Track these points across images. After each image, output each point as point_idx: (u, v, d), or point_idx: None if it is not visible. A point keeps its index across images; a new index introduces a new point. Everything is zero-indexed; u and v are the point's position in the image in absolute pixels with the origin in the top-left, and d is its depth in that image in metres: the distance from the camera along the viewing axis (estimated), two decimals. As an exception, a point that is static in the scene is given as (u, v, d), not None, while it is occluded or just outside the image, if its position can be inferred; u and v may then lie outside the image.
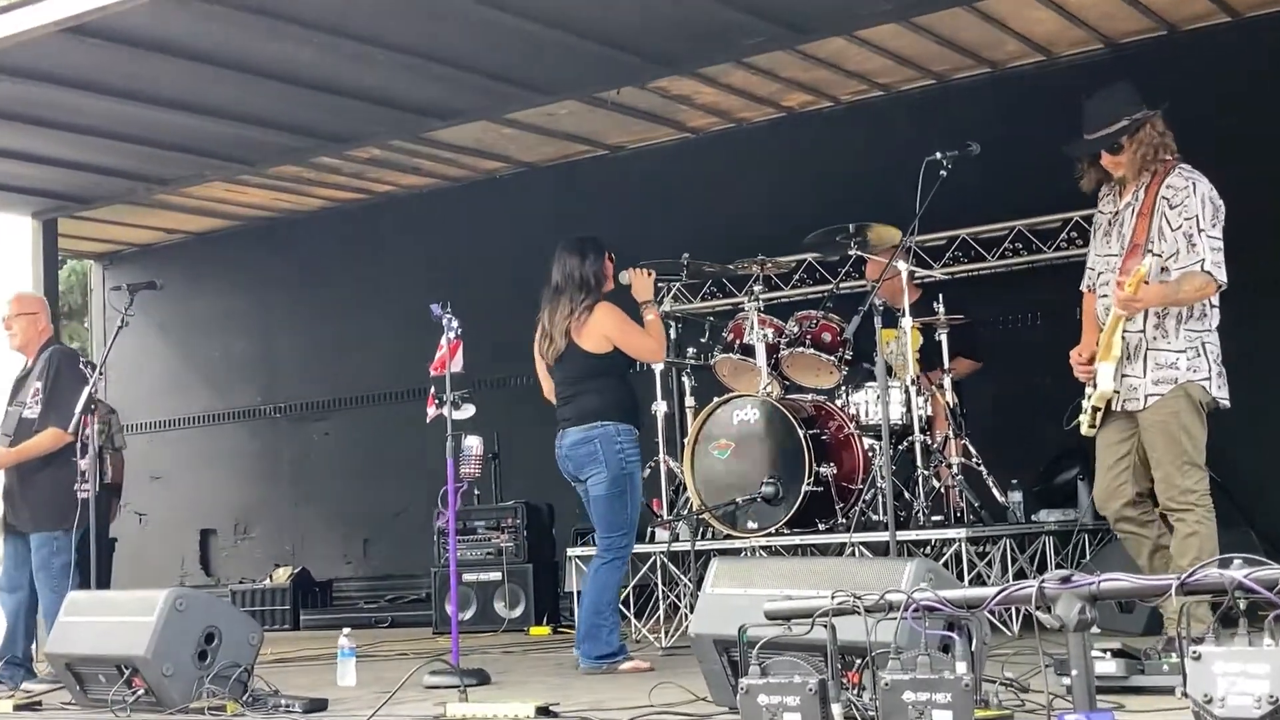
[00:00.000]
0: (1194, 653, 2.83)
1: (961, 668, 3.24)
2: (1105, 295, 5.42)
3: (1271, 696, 2.77)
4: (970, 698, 3.19)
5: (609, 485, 6.42)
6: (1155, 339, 5.26)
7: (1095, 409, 5.38)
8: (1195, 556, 5.06)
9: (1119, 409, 5.35)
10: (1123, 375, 5.30)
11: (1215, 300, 5.31)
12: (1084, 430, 5.49)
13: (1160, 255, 5.22)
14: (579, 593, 8.09)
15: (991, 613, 3.56)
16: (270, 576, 12.20)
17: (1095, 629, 3.22)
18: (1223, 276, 5.18)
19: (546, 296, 6.68)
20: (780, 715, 3.40)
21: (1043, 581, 3.05)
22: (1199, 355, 5.25)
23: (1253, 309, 6.78)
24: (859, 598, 3.40)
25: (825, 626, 3.46)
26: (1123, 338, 5.26)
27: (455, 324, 6.18)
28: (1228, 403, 5.31)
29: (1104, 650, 4.47)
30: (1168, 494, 5.23)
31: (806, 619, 3.50)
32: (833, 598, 3.44)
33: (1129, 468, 5.37)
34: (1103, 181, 5.55)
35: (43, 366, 7.17)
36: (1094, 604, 3.01)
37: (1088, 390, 5.44)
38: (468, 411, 6.15)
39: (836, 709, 3.38)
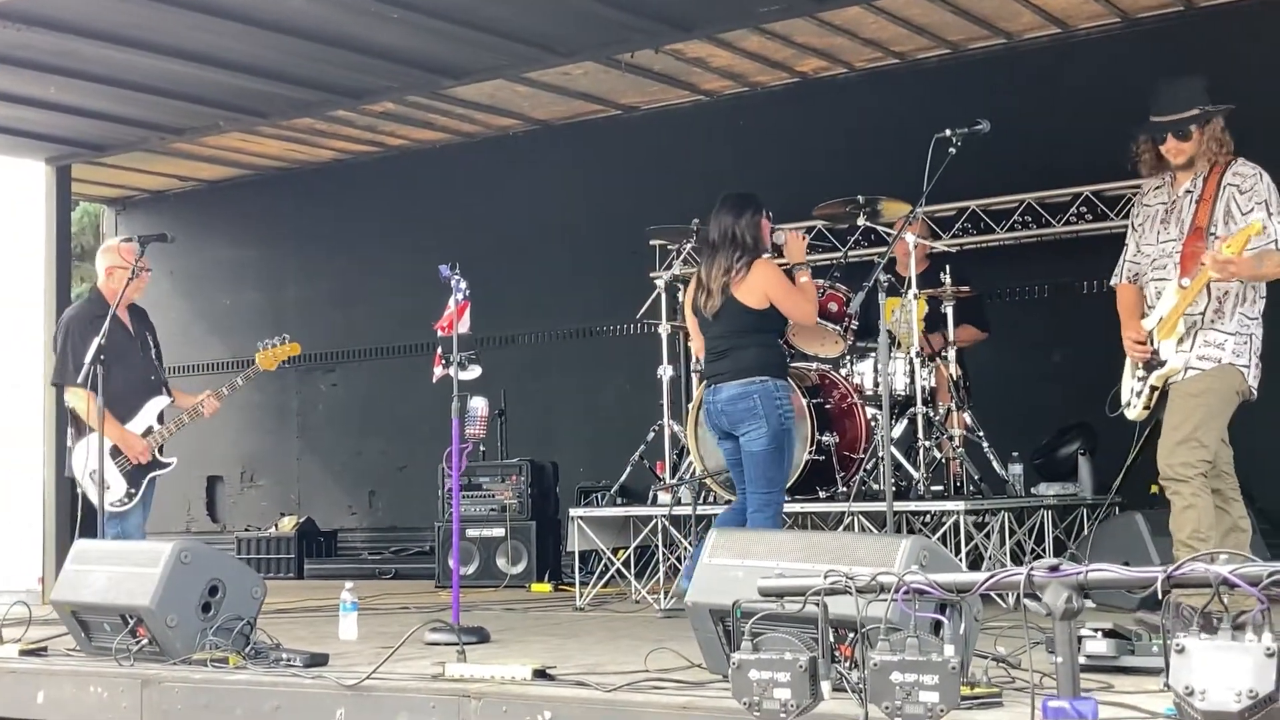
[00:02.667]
0: (1177, 645, 2.88)
1: (949, 650, 3.29)
2: (1162, 278, 5.50)
3: (1252, 691, 2.82)
4: (957, 680, 3.24)
5: (769, 440, 6.38)
6: (1212, 320, 5.38)
7: (1154, 388, 5.46)
8: (1194, 529, 5.20)
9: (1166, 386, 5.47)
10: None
11: (1264, 290, 5.44)
12: (1134, 416, 5.57)
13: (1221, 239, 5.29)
14: (580, 552, 8.18)
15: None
16: (276, 525, 12.31)
17: (1091, 604, 3.26)
18: None
19: (703, 252, 6.70)
20: (771, 691, 3.45)
21: (1031, 569, 3.10)
22: (1246, 343, 5.39)
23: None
24: (851, 578, 3.45)
25: (817, 605, 3.51)
26: (1184, 318, 5.36)
27: (464, 285, 6.21)
28: (1256, 393, 5.44)
29: (1095, 630, 4.51)
30: (1168, 461, 5.33)
31: (799, 597, 3.55)
32: (825, 577, 3.48)
33: None
34: (1154, 168, 5.63)
35: (146, 321, 7.45)
36: (1081, 593, 3.05)
37: (1137, 373, 5.53)
38: (474, 372, 6.19)
39: (826, 686, 3.44)
